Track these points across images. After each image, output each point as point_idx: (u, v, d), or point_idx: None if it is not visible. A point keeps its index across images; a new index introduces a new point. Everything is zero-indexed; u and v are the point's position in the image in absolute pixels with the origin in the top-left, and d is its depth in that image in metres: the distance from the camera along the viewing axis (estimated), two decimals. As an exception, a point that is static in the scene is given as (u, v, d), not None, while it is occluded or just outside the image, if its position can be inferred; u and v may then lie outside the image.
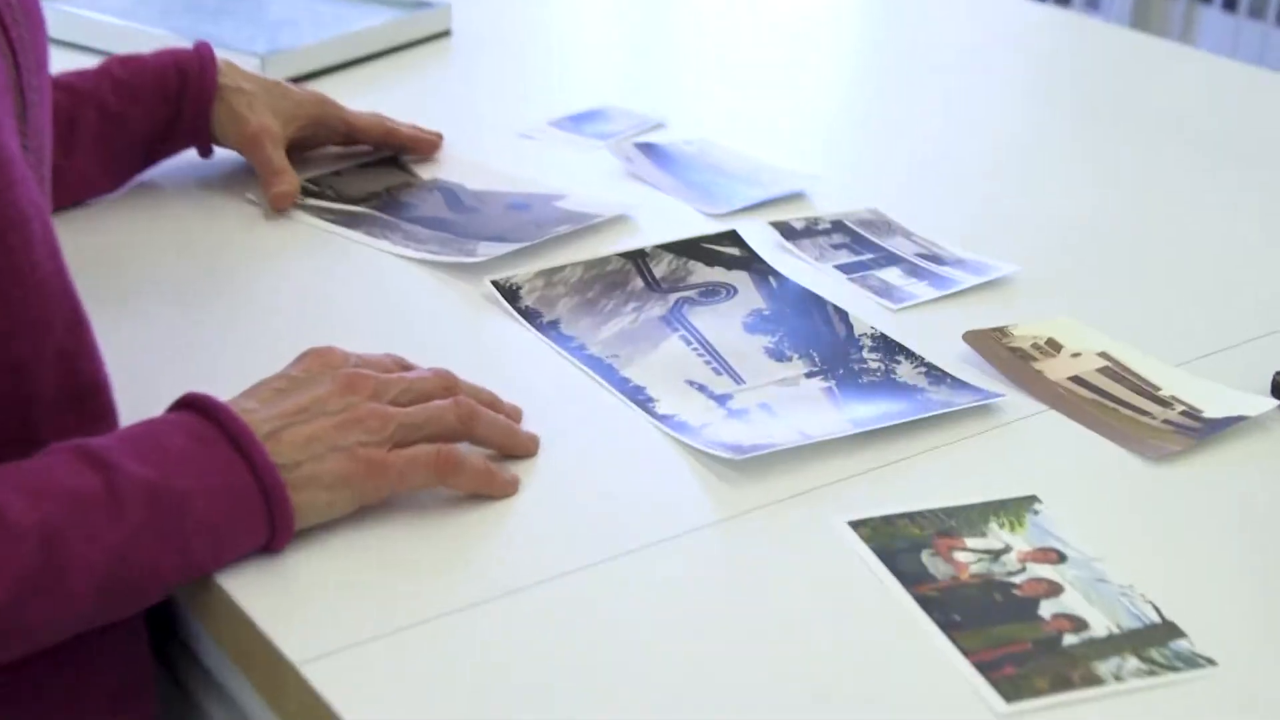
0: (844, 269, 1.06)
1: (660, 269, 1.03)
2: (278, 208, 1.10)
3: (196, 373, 0.84)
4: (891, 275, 1.05)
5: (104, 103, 1.07)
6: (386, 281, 1.03)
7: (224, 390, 0.77)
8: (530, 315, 0.98)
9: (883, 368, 0.93)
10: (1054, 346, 0.97)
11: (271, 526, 0.73)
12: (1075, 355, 0.96)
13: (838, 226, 1.12)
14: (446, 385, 0.81)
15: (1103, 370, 0.94)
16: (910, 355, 0.94)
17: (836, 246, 1.09)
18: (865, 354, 0.95)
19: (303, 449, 0.74)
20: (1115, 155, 1.33)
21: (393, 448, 0.76)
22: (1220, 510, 0.82)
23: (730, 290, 1.01)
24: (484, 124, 1.30)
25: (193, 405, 0.74)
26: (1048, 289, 1.05)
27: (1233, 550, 0.79)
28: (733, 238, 1.07)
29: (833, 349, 0.95)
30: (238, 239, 1.08)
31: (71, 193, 1.07)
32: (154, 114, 1.10)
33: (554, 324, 0.97)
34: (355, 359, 0.80)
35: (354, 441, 0.75)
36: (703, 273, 1.03)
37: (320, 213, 1.11)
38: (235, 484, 0.71)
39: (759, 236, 1.09)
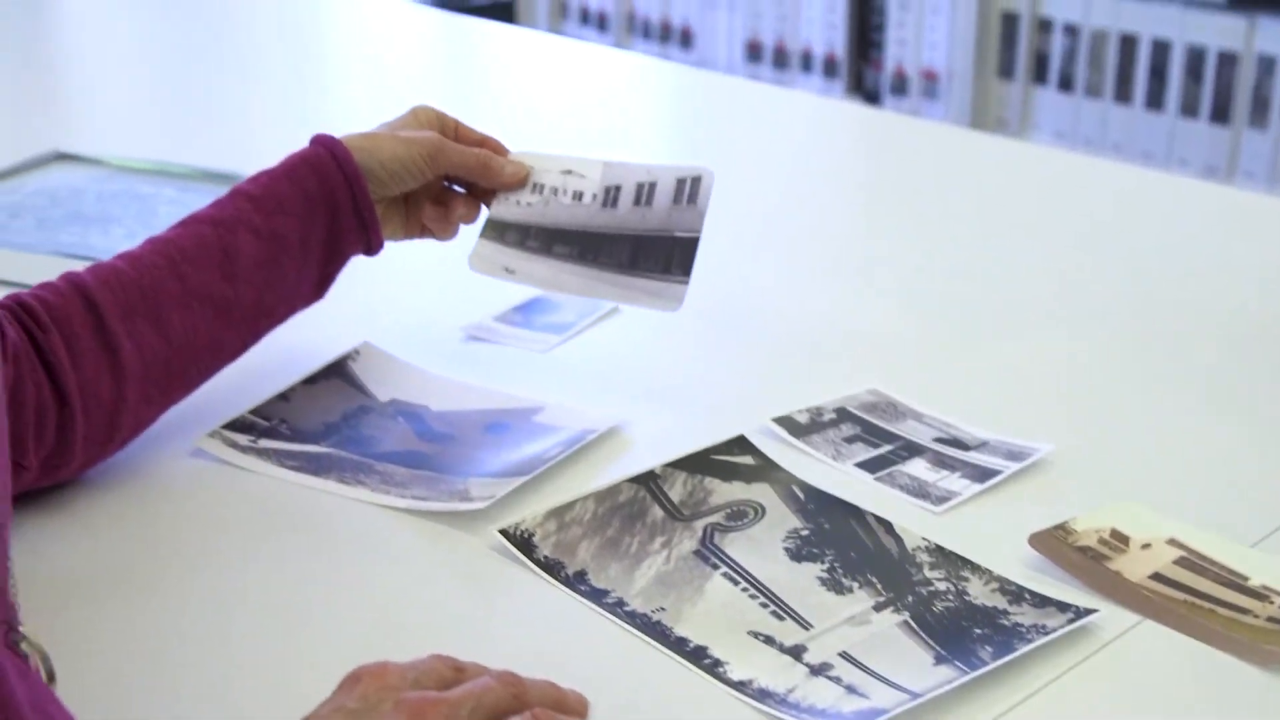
0: (866, 467, 0.97)
1: (676, 492, 0.93)
2: (517, 185, 1.09)
3: (172, 700, 0.72)
4: (919, 469, 0.97)
5: (252, 223, 0.99)
6: (374, 540, 0.91)
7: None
8: (551, 568, 0.87)
9: (952, 588, 0.85)
10: (1120, 539, 0.89)
11: None
12: (1145, 547, 0.89)
13: (844, 415, 1.04)
14: (515, 693, 0.70)
15: (1180, 562, 0.87)
16: (976, 569, 0.86)
17: (849, 440, 1.01)
18: (927, 572, 0.86)
19: (376, 804, 0.62)
20: (1118, 302, 1.24)
21: (473, 782, 0.65)
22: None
23: (758, 510, 0.92)
24: (425, 325, 1.19)
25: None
26: (1086, 468, 0.98)
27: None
28: (743, 444, 0.98)
29: (891, 571, 0.86)
30: (188, 508, 0.95)
31: (254, 322, 1.01)
32: (308, 211, 1.01)
33: (581, 576, 0.86)
34: (412, 673, 0.69)
35: (435, 787, 0.64)
36: (723, 491, 0.94)
37: (279, 459, 0.98)
38: None
39: (767, 437, 1.00)
